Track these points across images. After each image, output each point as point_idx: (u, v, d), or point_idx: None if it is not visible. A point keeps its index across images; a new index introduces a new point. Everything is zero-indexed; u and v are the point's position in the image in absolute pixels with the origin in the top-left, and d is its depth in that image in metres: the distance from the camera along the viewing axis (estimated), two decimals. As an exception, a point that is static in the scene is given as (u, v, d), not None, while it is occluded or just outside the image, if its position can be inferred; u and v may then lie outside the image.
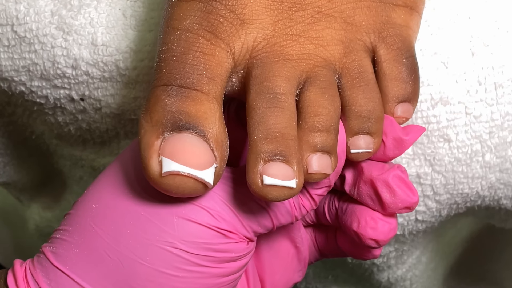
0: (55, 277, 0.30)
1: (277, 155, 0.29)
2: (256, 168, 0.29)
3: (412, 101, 0.35)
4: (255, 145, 0.30)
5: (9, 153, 0.52)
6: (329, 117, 0.31)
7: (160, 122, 0.29)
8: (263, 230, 0.33)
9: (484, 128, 0.39)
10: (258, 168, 0.29)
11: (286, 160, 0.29)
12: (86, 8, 0.40)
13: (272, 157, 0.29)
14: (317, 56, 0.33)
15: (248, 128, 0.31)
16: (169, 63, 0.31)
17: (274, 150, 0.29)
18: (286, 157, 0.29)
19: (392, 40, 0.34)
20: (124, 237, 0.30)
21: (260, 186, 0.29)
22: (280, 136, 0.30)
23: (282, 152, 0.29)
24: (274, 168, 0.29)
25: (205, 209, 0.31)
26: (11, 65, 0.42)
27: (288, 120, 0.30)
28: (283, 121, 0.30)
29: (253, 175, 0.29)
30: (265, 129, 0.30)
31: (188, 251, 0.30)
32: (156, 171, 0.28)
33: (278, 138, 0.30)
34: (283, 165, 0.29)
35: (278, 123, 0.30)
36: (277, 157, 0.29)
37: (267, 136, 0.30)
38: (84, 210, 0.32)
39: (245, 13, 0.32)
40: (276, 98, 0.31)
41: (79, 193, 0.55)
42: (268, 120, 0.30)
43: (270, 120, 0.30)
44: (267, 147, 0.30)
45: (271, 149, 0.29)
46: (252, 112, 0.31)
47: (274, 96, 0.31)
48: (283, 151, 0.30)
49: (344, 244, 0.38)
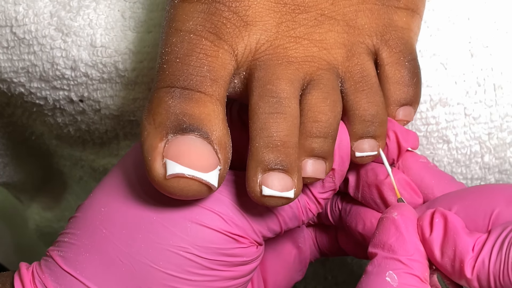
0: (65, 282, 0.30)
1: (277, 165, 0.30)
2: (256, 177, 0.30)
3: (414, 104, 0.35)
4: (256, 152, 0.30)
5: (9, 153, 0.52)
6: (328, 124, 0.31)
7: (164, 124, 0.29)
8: (272, 234, 0.33)
9: (483, 129, 0.39)
10: (257, 177, 0.30)
11: (286, 170, 0.30)
12: (85, 9, 0.40)
13: (272, 166, 0.29)
14: (321, 59, 0.32)
15: (250, 133, 0.30)
16: (172, 65, 0.30)
17: (274, 159, 0.30)
18: (286, 167, 0.30)
19: (394, 43, 0.34)
20: (136, 242, 0.30)
21: (259, 196, 0.30)
22: (281, 145, 0.30)
23: (283, 162, 0.30)
24: (274, 178, 0.29)
25: (218, 214, 0.31)
26: (10, 67, 0.42)
27: (290, 127, 0.30)
28: (285, 128, 0.30)
29: (252, 184, 0.30)
30: (266, 137, 0.30)
31: (200, 256, 0.30)
32: (161, 174, 0.28)
33: (279, 147, 0.30)
34: (282, 175, 0.30)
35: (280, 131, 0.30)
36: (278, 166, 0.29)
37: (269, 145, 0.30)
38: (92, 213, 0.31)
39: (249, 15, 0.32)
40: (280, 103, 0.30)
41: (79, 193, 0.55)
42: (270, 127, 0.30)
43: (272, 127, 0.30)
44: (267, 156, 0.30)
45: (271, 158, 0.30)
46: (254, 116, 0.30)
47: (277, 100, 0.30)
48: (284, 160, 0.30)
49: (346, 244, 0.38)
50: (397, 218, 0.30)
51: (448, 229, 0.29)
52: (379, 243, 0.30)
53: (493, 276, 0.28)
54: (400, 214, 0.30)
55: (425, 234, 0.30)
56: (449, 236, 0.29)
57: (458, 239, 0.29)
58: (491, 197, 0.31)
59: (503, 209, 0.30)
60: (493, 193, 0.31)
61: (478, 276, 0.28)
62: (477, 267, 0.28)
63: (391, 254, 0.29)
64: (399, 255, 0.29)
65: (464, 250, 0.28)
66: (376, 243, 0.30)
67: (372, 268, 0.29)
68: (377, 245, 0.30)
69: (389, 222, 0.30)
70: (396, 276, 0.28)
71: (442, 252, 0.29)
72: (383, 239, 0.29)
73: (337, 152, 0.32)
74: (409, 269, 0.28)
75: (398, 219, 0.30)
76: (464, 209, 0.31)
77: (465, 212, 0.31)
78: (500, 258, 0.28)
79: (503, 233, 0.28)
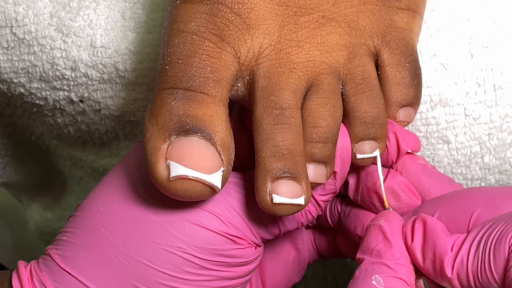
0: (63, 280, 0.30)
1: (285, 173, 0.30)
2: (265, 186, 0.30)
3: (414, 106, 0.35)
4: (263, 162, 0.30)
5: (9, 153, 0.52)
6: (328, 129, 0.31)
7: (167, 126, 0.29)
8: (271, 236, 0.33)
9: (483, 129, 0.39)
10: (267, 186, 0.30)
11: (294, 177, 0.30)
12: (85, 10, 0.40)
13: (281, 174, 0.30)
14: (322, 63, 0.32)
15: (256, 144, 0.31)
16: (174, 66, 0.30)
17: (282, 168, 0.30)
18: (294, 174, 0.30)
19: (395, 44, 0.34)
20: (134, 241, 0.30)
21: (270, 205, 0.30)
22: (288, 153, 0.30)
23: (291, 170, 0.30)
24: (284, 186, 0.30)
25: (216, 215, 0.30)
26: (10, 67, 0.41)
27: (295, 136, 0.30)
28: (290, 137, 0.30)
29: (262, 193, 0.30)
30: (273, 146, 0.30)
31: (198, 256, 0.30)
32: (164, 175, 0.28)
33: (286, 155, 0.30)
34: (292, 183, 0.30)
35: (285, 140, 0.30)
36: (286, 174, 0.30)
37: (275, 154, 0.30)
38: (91, 212, 0.31)
39: (251, 17, 0.31)
40: (283, 114, 0.31)
41: (79, 193, 0.55)
42: (276, 137, 0.30)
43: (277, 137, 0.30)
44: (275, 164, 0.30)
45: (279, 166, 0.30)
46: (259, 128, 0.31)
47: (281, 112, 0.31)
48: (291, 168, 0.30)
49: (344, 246, 0.38)
50: (384, 225, 0.30)
51: (427, 232, 0.30)
52: (366, 249, 0.30)
53: (472, 274, 0.28)
54: (387, 221, 0.31)
55: (408, 240, 0.30)
56: (428, 238, 0.30)
57: (436, 240, 0.29)
58: (471, 199, 0.31)
59: (482, 211, 0.30)
60: (473, 195, 0.32)
61: (458, 275, 0.29)
62: (456, 266, 0.29)
63: (377, 259, 0.29)
64: (386, 259, 0.29)
65: (443, 250, 0.29)
66: (364, 250, 0.30)
67: (359, 273, 0.29)
68: (365, 251, 0.30)
69: (376, 229, 0.30)
70: (382, 279, 0.29)
71: (424, 255, 0.30)
72: (371, 245, 0.30)
73: (338, 154, 0.32)
74: (395, 272, 0.29)
75: (385, 225, 0.30)
76: (445, 213, 0.31)
77: (447, 215, 0.31)
78: (477, 256, 0.28)
79: (480, 232, 0.29)
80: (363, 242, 0.31)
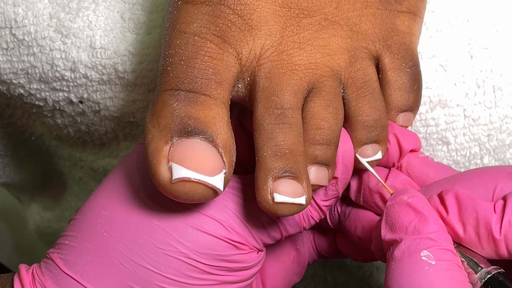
0: (66, 284, 0.30)
1: (287, 172, 0.29)
2: (266, 185, 0.29)
3: (414, 110, 0.35)
4: (264, 161, 0.30)
5: (9, 154, 0.52)
6: (331, 131, 0.31)
7: (168, 127, 0.28)
8: (272, 241, 0.33)
9: (482, 130, 0.39)
10: (268, 185, 0.29)
11: (296, 176, 0.30)
12: (85, 11, 0.40)
13: (282, 174, 0.29)
14: (324, 65, 0.32)
15: (256, 144, 0.30)
16: (176, 67, 0.30)
17: (283, 167, 0.29)
18: (295, 174, 0.30)
19: (397, 49, 0.34)
20: (137, 246, 0.30)
21: (271, 204, 0.29)
22: (289, 153, 0.30)
23: (292, 169, 0.29)
24: (285, 185, 0.29)
25: (218, 221, 0.30)
26: (9, 68, 0.41)
27: (296, 136, 0.30)
28: (291, 137, 0.30)
29: (263, 192, 0.29)
30: (274, 146, 0.30)
31: (201, 261, 0.30)
32: (166, 178, 0.28)
33: (287, 154, 0.30)
34: (293, 182, 0.29)
35: (286, 140, 0.30)
36: (287, 173, 0.29)
37: (276, 153, 0.30)
38: (93, 216, 0.31)
39: (253, 19, 0.31)
40: (284, 114, 0.30)
41: (79, 194, 0.55)
42: (277, 137, 0.30)
43: (278, 137, 0.30)
44: (276, 164, 0.30)
45: (280, 166, 0.29)
46: (260, 128, 0.30)
47: (282, 112, 0.30)
48: (293, 167, 0.30)
49: (344, 247, 0.38)
50: (411, 201, 0.29)
51: (462, 202, 0.29)
52: (400, 228, 0.28)
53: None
54: (412, 197, 0.29)
55: (443, 214, 0.29)
56: (467, 206, 0.29)
57: (477, 205, 0.29)
58: (489, 174, 0.31)
59: (506, 183, 0.30)
60: (493, 171, 0.31)
61: (506, 236, 0.28)
62: (504, 228, 0.28)
63: (417, 235, 0.28)
64: (427, 233, 0.28)
65: (487, 213, 0.28)
66: (397, 229, 0.29)
67: (401, 253, 0.28)
68: (398, 230, 0.28)
69: (404, 207, 0.29)
70: (431, 253, 0.27)
71: (464, 224, 0.29)
72: (404, 223, 0.28)
73: (341, 160, 0.32)
74: (441, 244, 0.28)
75: (413, 201, 0.29)
76: (466, 188, 0.30)
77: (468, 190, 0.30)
78: None
79: None
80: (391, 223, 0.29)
